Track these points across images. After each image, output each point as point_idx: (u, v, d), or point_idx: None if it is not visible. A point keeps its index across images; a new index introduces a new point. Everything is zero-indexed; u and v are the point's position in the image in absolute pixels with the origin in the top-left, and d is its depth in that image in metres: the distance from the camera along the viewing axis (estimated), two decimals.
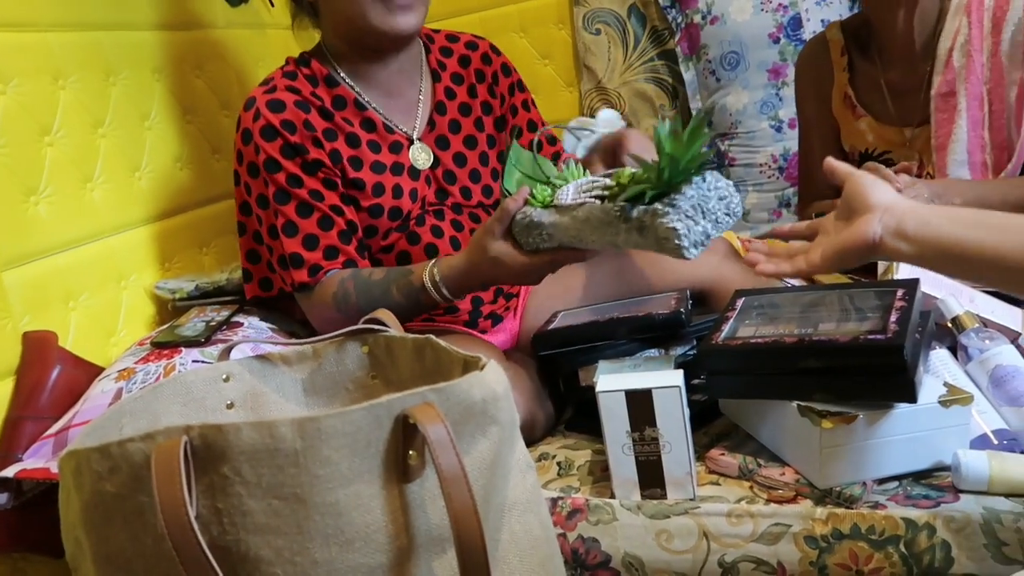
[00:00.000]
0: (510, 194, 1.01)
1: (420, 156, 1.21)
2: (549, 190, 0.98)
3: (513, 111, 1.31)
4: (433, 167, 1.22)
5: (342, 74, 1.20)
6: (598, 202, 0.91)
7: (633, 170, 0.91)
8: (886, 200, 0.74)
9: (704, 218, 0.83)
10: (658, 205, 0.83)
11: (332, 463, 0.53)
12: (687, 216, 0.82)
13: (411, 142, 1.21)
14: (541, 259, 0.97)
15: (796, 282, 1.09)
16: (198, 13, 1.55)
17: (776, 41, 1.80)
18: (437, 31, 1.30)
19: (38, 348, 1.10)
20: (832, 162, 0.83)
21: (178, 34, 1.49)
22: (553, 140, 1.34)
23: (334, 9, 1.15)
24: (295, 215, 1.13)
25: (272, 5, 1.75)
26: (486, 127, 1.28)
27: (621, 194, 0.89)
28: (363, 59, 1.19)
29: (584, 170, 1.00)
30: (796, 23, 1.79)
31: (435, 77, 1.26)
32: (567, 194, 0.95)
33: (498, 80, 1.30)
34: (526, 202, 0.98)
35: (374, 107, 1.20)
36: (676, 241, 0.81)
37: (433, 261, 1.08)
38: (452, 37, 1.31)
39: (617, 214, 0.87)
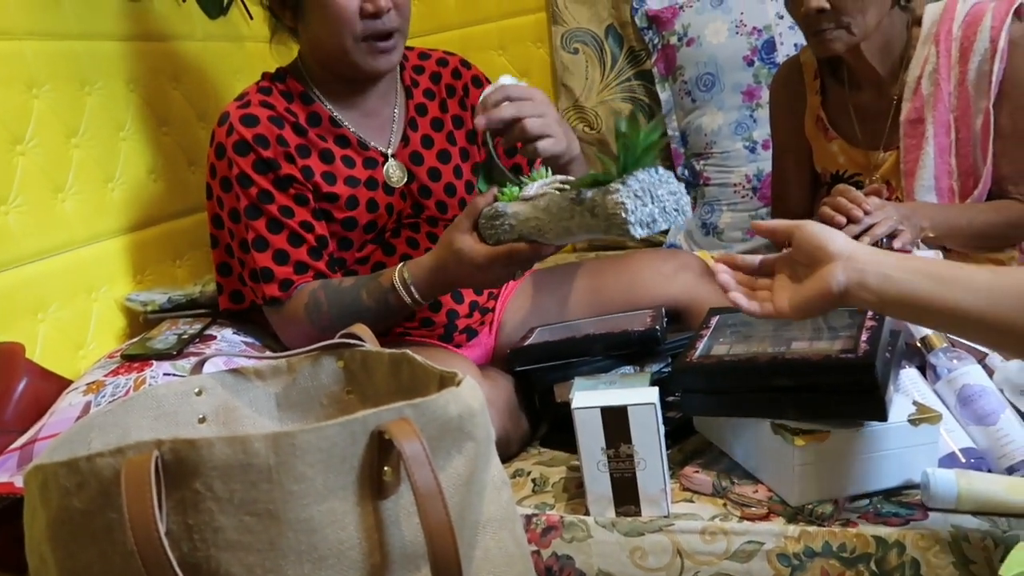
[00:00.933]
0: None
1: (395, 173, 1.21)
2: (517, 188, 1.00)
3: None
4: (408, 183, 1.22)
5: (317, 92, 1.20)
6: (558, 193, 0.94)
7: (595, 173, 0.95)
8: (846, 250, 0.75)
9: (652, 202, 0.86)
10: (610, 185, 0.86)
11: (306, 479, 0.53)
12: (636, 195, 0.84)
13: (386, 159, 1.22)
14: (499, 251, 0.97)
15: None
16: (176, 25, 1.54)
17: (750, 64, 1.83)
18: (411, 49, 1.31)
19: (5, 360, 1.08)
20: (768, 224, 0.83)
21: (155, 45, 1.48)
22: None
23: (316, 40, 1.15)
24: (265, 231, 1.13)
25: (251, 18, 1.75)
26: (458, 140, 1.28)
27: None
28: (340, 83, 1.19)
29: (550, 172, 1.02)
30: (770, 46, 1.82)
31: (408, 94, 1.27)
32: (532, 189, 0.98)
33: (468, 92, 1.31)
34: (495, 198, 1.00)
35: (348, 125, 1.20)
36: (623, 215, 0.84)
37: (403, 263, 1.08)
38: (424, 55, 1.32)
39: (573, 197, 0.90)
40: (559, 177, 0.98)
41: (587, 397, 0.90)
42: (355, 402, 0.86)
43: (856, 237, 1.10)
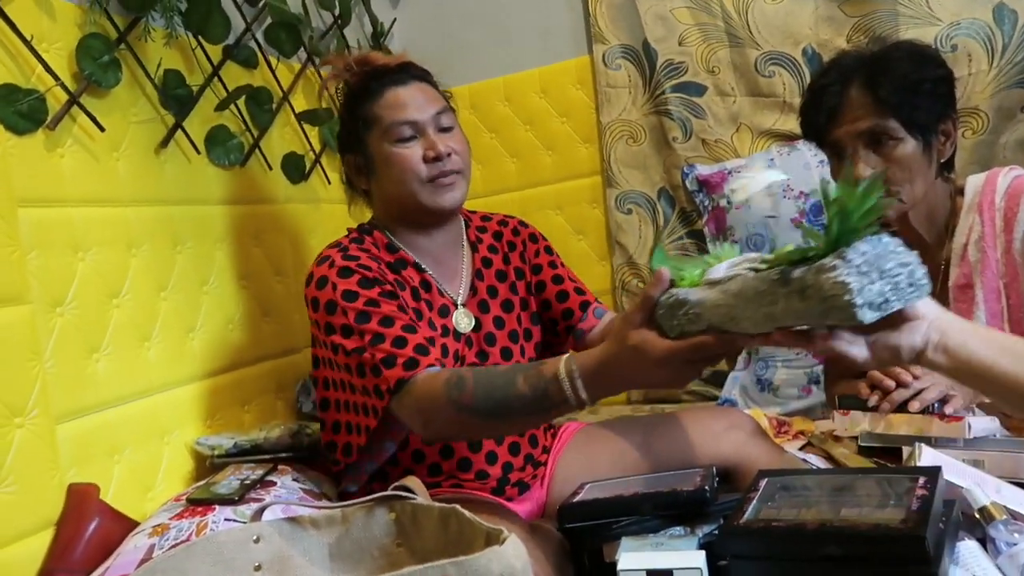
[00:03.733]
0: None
1: (463, 320, 1.28)
2: (698, 270, 0.88)
3: (536, 269, 1.39)
4: (475, 330, 1.29)
5: (398, 242, 1.29)
6: (753, 274, 0.80)
7: (795, 245, 0.79)
8: (932, 312, 0.79)
9: (881, 278, 0.71)
10: (824, 260, 0.72)
11: None
12: (860, 272, 0.70)
13: (456, 307, 1.29)
14: (686, 343, 0.86)
15: (819, 463, 1.10)
16: (262, 190, 1.70)
17: (799, 226, 1.89)
18: (473, 212, 1.42)
19: (79, 500, 1.14)
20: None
21: (242, 208, 1.63)
22: (581, 291, 1.38)
23: (385, 190, 1.27)
24: (379, 326, 1.10)
25: (329, 183, 1.91)
26: (519, 291, 1.37)
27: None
28: (411, 232, 1.29)
29: (740, 249, 0.94)
30: (818, 209, 1.88)
31: (473, 248, 1.36)
32: (719, 271, 0.85)
33: (527, 246, 1.41)
34: (672, 284, 0.89)
35: (429, 271, 1.28)
36: (847, 298, 0.69)
37: (568, 354, 1.00)
38: (486, 217, 1.43)
39: (775, 278, 0.76)
40: (752, 255, 0.84)
41: (633, 559, 0.90)
42: (404, 555, 0.88)
43: (905, 402, 1.10)
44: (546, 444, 1.35)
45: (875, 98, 1.19)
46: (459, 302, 1.30)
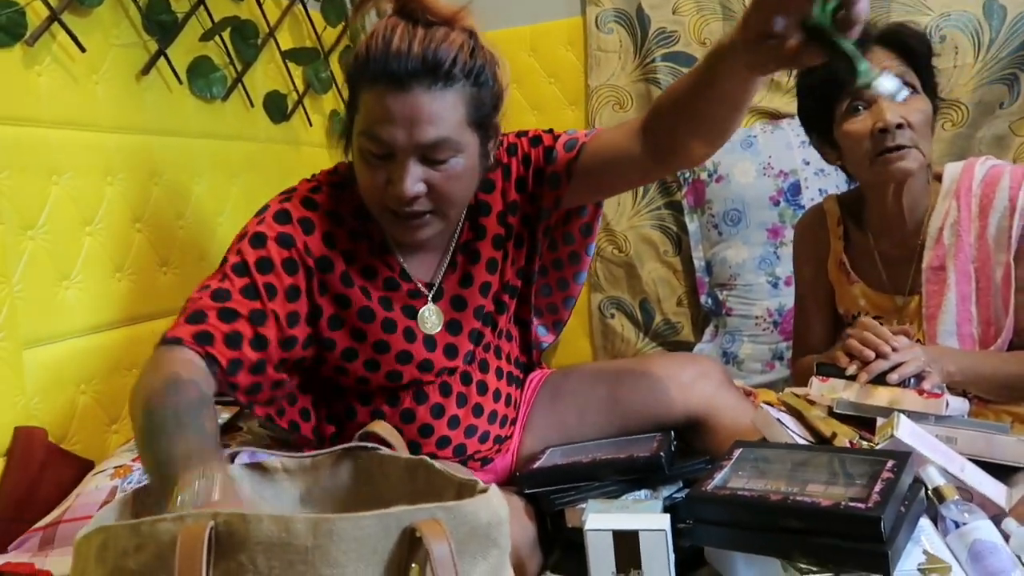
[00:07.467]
0: None
1: (430, 319, 1.13)
2: None
3: (534, 197, 1.15)
4: (447, 326, 1.13)
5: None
6: None
7: None
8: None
9: None
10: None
11: (339, 564, 0.55)
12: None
13: (427, 299, 1.13)
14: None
15: (789, 422, 1.11)
16: (242, 126, 1.66)
17: (776, 204, 1.91)
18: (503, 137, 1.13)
19: (26, 447, 1.09)
20: None
21: (221, 143, 1.59)
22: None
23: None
24: (237, 291, 0.97)
25: (311, 125, 1.88)
26: (507, 248, 1.18)
27: None
28: None
29: None
30: (796, 189, 1.91)
31: (472, 214, 1.15)
32: None
33: (516, 168, 1.14)
34: None
35: (395, 252, 1.12)
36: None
37: None
38: (498, 161, 1.14)
39: None
40: None
41: (600, 520, 0.91)
42: (368, 504, 0.88)
43: (883, 374, 1.13)
44: (512, 416, 1.26)
45: (901, 51, 1.26)
46: (432, 290, 1.12)
